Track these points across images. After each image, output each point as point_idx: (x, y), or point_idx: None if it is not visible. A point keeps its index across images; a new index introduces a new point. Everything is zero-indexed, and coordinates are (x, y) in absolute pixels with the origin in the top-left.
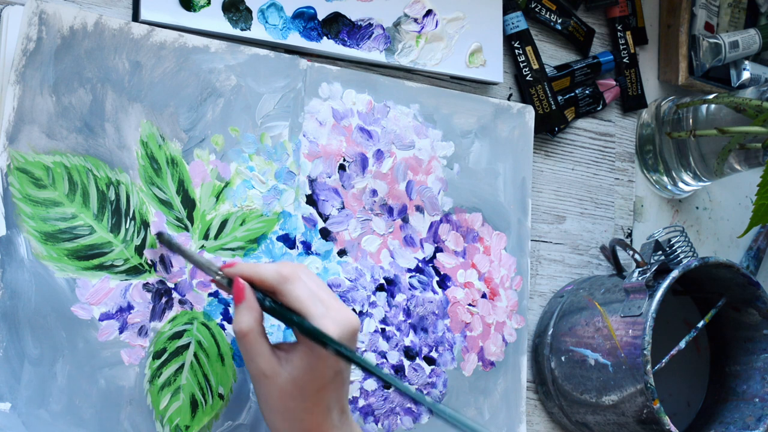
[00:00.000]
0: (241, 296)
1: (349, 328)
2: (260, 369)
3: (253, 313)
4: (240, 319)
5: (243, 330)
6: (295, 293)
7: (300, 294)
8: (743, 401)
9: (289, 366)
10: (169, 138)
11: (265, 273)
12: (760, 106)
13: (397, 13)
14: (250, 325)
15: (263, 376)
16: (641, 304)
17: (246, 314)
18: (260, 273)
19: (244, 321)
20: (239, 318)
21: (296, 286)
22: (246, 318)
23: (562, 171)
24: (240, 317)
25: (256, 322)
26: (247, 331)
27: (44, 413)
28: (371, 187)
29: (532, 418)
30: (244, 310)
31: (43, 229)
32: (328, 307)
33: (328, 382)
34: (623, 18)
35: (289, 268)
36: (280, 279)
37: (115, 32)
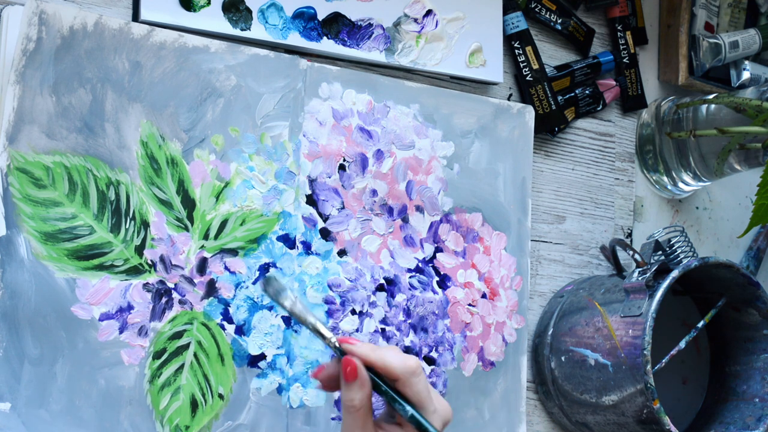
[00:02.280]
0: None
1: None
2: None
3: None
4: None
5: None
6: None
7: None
8: (743, 401)
9: None
10: (169, 138)
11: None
12: (760, 106)
13: (397, 13)
14: (363, 402)
15: None
16: (641, 304)
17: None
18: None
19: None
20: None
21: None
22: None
23: (562, 171)
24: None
25: (368, 399)
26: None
27: (44, 413)
28: (371, 187)
29: (532, 418)
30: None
31: (43, 229)
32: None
33: None
34: (623, 18)
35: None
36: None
37: (115, 32)
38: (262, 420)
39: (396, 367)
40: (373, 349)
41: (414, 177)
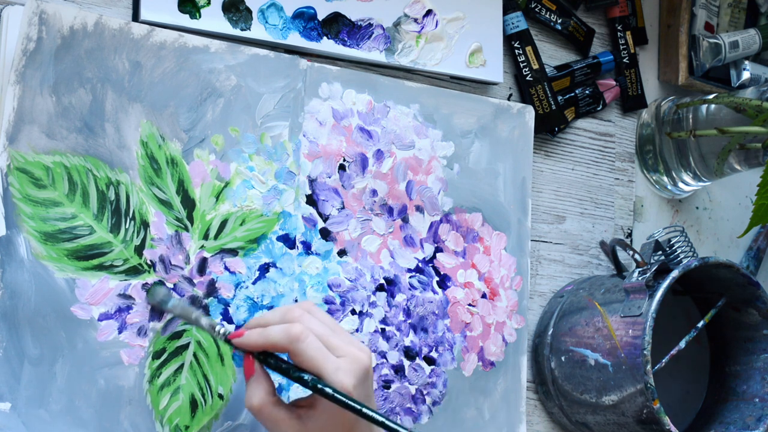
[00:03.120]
0: (251, 371)
1: (363, 372)
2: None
3: (264, 386)
4: (251, 394)
5: (255, 406)
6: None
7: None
8: (743, 401)
9: (310, 422)
10: (169, 138)
11: (274, 338)
12: (760, 106)
13: (397, 13)
14: (261, 400)
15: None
16: (641, 304)
17: (256, 389)
18: (270, 339)
19: (255, 396)
20: (250, 394)
21: (307, 344)
22: (257, 393)
23: (562, 171)
24: (251, 393)
25: (267, 394)
26: (260, 406)
27: (44, 413)
28: (371, 187)
29: (532, 418)
30: (254, 384)
31: (43, 229)
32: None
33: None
34: (623, 18)
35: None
36: (290, 339)
37: (115, 32)
38: None
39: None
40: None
41: (414, 177)
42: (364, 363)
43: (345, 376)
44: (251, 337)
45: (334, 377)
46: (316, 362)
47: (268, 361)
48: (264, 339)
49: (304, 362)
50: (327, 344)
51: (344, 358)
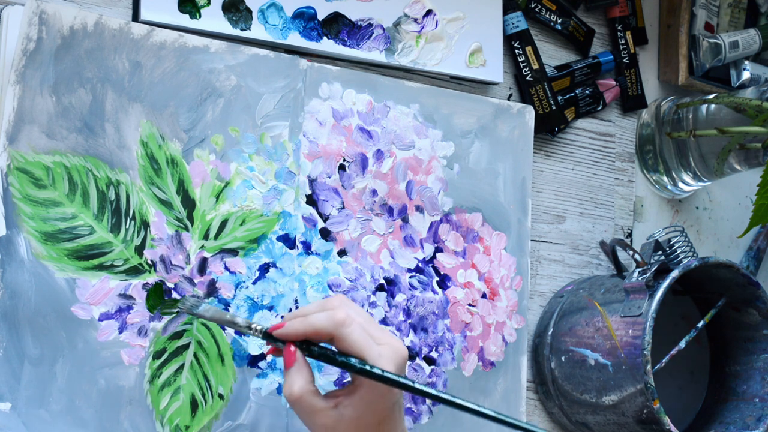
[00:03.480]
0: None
1: (402, 361)
2: (322, 424)
3: (304, 374)
4: (291, 383)
5: (295, 394)
6: (352, 337)
7: (357, 338)
8: (743, 401)
9: (348, 409)
10: (169, 138)
11: (318, 324)
12: (760, 106)
13: (397, 13)
14: (302, 388)
15: (325, 428)
16: (641, 304)
17: (297, 378)
18: (314, 326)
19: (296, 384)
20: (290, 382)
21: (352, 329)
22: (297, 381)
23: (562, 171)
24: (291, 381)
25: (308, 383)
26: (300, 394)
27: (44, 413)
28: (371, 187)
29: (532, 418)
30: (295, 373)
31: (43, 229)
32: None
33: (388, 414)
34: (623, 18)
35: (341, 313)
36: (336, 324)
37: (115, 32)
38: (262, 420)
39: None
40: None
41: (414, 177)
42: (402, 352)
43: (387, 363)
44: (293, 325)
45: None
46: (361, 348)
47: (311, 349)
48: (307, 326)
49: (349, 347)
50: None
51: (385, 347)
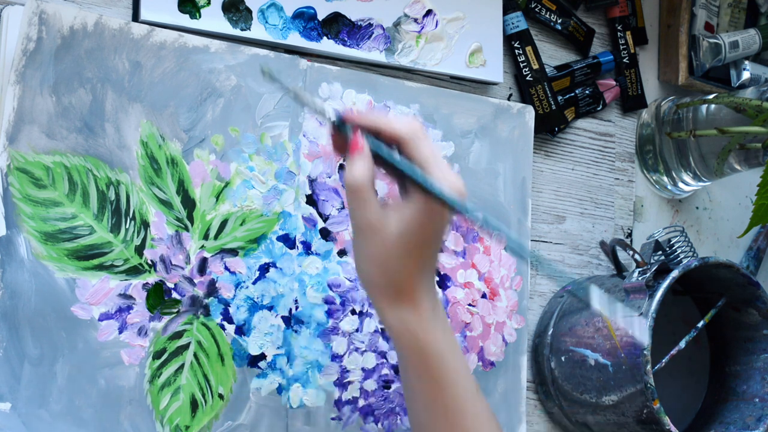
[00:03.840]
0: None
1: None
2: (369, 220)
3: (368, 164)
4: (355, 168)
5: (357, 180)
6: (423, 149)
7: (427, 152)
8: (743, 401)
9: (398, 220)
10: (169, 138)
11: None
12: (760, 106)
13: (397, 13)
14: (364, 176)
15: (370, 228)
16: (641, 304)
17: (361, 164)
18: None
19: (359, 171)
20: (354, 168)
21: (427, 143)
22: (361, 168)
23: (562, 171)
24: (355, 167)
25: (370, 174)
26: (361, 183)
27: (44, 413)
28: None
29: (532, 418)
30: (360, 159)
31: (43, 229)
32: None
33: (431, 241)
34: (623, 18)
35: (417, 124)
36: (411, 133)
37: (115, 32)
38: (262, 420)
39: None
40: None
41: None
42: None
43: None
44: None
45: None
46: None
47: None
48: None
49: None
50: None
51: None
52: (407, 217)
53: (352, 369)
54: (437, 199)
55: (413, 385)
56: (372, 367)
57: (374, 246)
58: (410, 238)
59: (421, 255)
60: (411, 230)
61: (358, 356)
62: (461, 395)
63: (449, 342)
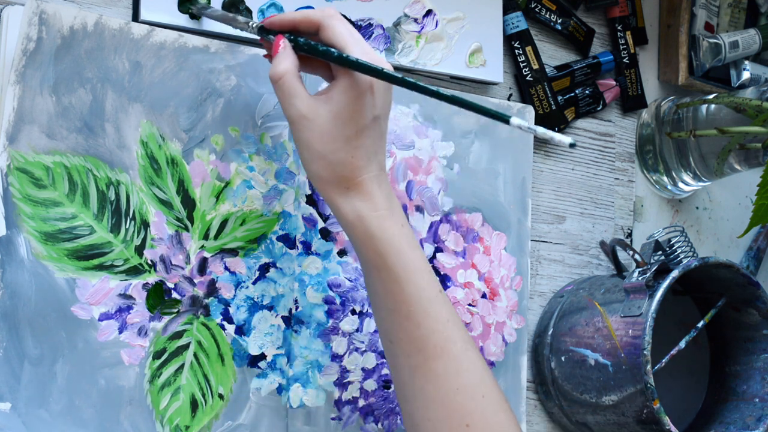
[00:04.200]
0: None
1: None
2: (299, 111)
3: (290, 59)
4: (277, 63)
5: (279, 72)
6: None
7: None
8: (743, 401)
9: (328, 104)
10: (169, 138)
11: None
12: (760, 106)
13: (397, 13)
14: (286, 67)
15: (303, 119)
16: (641, 304)
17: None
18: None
19: (281, 65)
20: (276, 63)
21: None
22: (283, 63)
23: (562, 171)
24: (277, 62)
25: (293, 65)
26: (283, 73)
27: (44, 413)
28: None
29: (532, 418)
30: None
31: (43, 229)
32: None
33: (368, 125)
34: (623, 18)
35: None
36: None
37: (115, 32)
38: (262, 420)
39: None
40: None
41: (414, 177)
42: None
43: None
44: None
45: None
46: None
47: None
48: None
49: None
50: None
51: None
52: (336, 98)
53: (352, 369)
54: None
55: (372, 282)
56: (372, 367)
57: (311, 137)
58: (345, 122)
59: (359, 139)
60: (342, 111)
61: (358, 356)
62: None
63: (406, 236)
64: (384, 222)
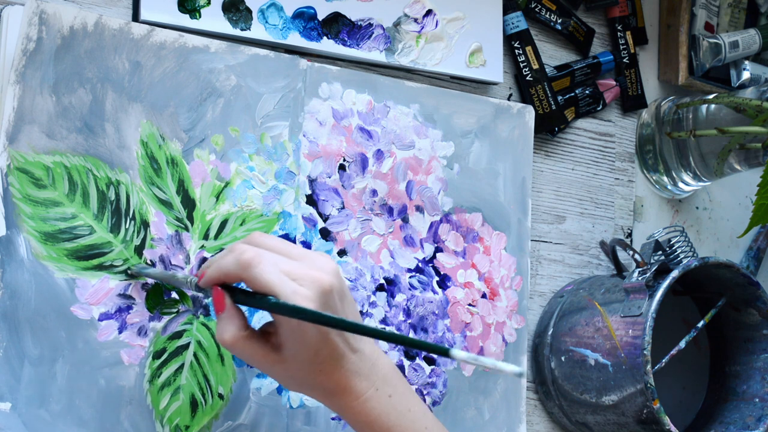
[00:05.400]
0: (221, 306)
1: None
2: (262, 364)
3: (235, 320)
4: (222, 330)
5: (227, 341)
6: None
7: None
8: (743, 401)
9: (285, 350)
10: (169, 138)
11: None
12: (760, 106)
13: (397, 13)
14: (233, 335)
15: (269, 367)
16: (641, 304)
17: (228, 324)
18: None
19: (227, 332)
20: (221, 329)
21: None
22: (228, 328)
23: (562, 171)
24: (221, 328)
25: (239, 329)
26: (233, 341)
27: (44, 413)
28: (371, 187)
29: (532, 418)
30: (224, 319)
31: (43, 229)
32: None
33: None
34: (623, 18)
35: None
36: (242, 266)
37: (115, 32)
38: (262, 420)
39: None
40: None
41: (414, 177)
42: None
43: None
44: (209, 273)
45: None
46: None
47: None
48: (218, 271)
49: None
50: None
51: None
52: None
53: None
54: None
55: None
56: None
57: (281, 375)
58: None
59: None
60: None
61: None
62: None
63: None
64: (368, 404)
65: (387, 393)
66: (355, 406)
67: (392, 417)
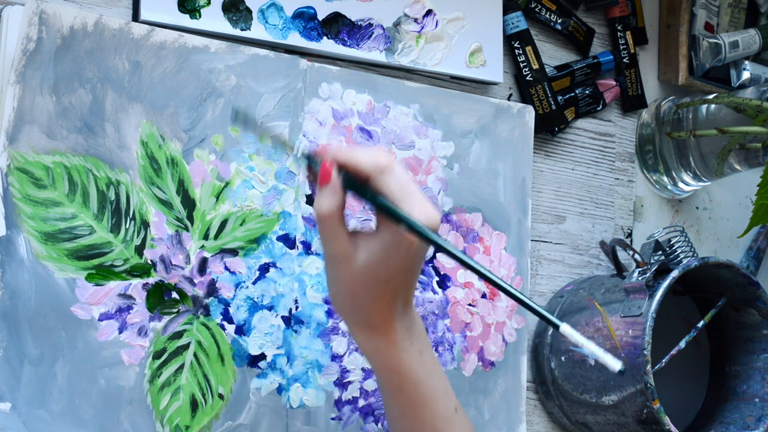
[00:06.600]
0: (327, 179)
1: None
2: (336, 252)
3: (336, 197)
4: (322, 201)
5: (324, 213)
6: (390, 185)
7: (393, 187)
8: (743, 401)
9: (365, 252)
10: (169, 138)
11: (361, 161)
12: (760, 106)
13: (397, 13)
14: (331, 208)
15: (338, 260)
16: (641, 304)
17: (329, 197)
18: (356, 159)
19: (326, 203)
20: (322, 200)
21: (391, 177)
22: (328, 200)
23: (562, 171)
24: (322, 199)
25: (338, 206)
26: (328, 214)
27: (44, 413)
28: None
29: (532, 418)
30: (328, 192)
31: (43, 229)
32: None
33: (399, 274)
34: (623, 18)
35: (384, 158)
36: (377, 169)
37: (115, 32)
38: (262, 420)
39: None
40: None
41: (414, 177)
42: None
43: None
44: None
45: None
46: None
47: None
48: (350, 157)
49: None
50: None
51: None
52: (374, 248)
53: (352, 369)
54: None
55: (389, 405)
56: None
57: (342, 276)
58: (376, 270)
59: (389, 286)
60: (377, 262)
61: (358, 356)
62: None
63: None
64: (402, 354)
65: (419, 350)
66: (391, 350)
67: (421, 374)
